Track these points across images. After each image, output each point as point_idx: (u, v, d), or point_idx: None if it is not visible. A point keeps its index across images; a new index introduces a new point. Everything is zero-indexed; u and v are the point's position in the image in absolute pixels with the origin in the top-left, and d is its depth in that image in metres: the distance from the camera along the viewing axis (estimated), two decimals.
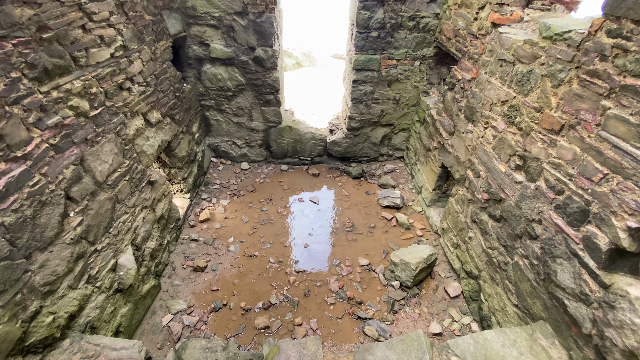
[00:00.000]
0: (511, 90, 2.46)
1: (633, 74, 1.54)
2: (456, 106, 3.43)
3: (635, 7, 1.54)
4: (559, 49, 2.00)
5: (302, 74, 11.18)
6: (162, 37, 3.40)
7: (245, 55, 4.23)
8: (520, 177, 2.34)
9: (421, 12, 3.91)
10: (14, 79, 1.73)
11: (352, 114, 4.80)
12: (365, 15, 3.92)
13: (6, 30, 1.70)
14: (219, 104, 4.68)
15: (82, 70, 2.24)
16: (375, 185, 4.89)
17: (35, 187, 1.84)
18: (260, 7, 3.87)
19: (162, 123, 3.38)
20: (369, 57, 4.25)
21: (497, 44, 2.66)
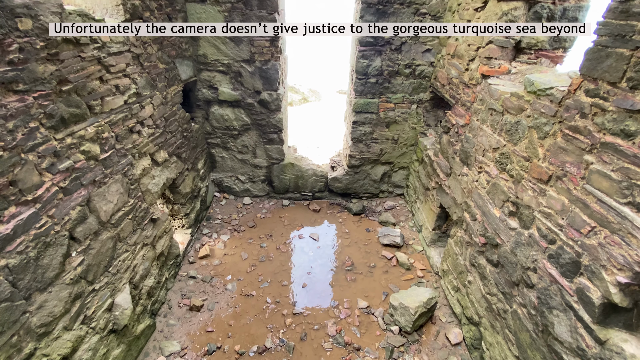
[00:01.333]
0: (501, 138, 2.56)
1: (612, 132, 1.62)
2: (452, 149, 3.54)
3: (610, 70, 1.66)
4: (542, 104, 2.12)
5: (308, 108, 11.60)
6: (173, 83, 3.64)
7: (251, 98, 4.47)
8: (514, 223, 2.37)
9: (417, 61, 4.16)
10: (32, 129, 1.87)
11: (353, 153, 4.94)
12: (364, 64, 4.17)
13: (29, 85, 1.87)
14: (224, 142, 4.87)
15: (97, 117, 2.41)
16: (376, 222, 4.90)
17: (42, 229, 1.91)
18: (267, 56, 4.16)
19: (169, 162, 3.52)
20: (368, 100, 4.46)
21: (487, 94, 2.81)
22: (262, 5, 3.86)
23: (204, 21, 3.95)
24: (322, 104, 12.35)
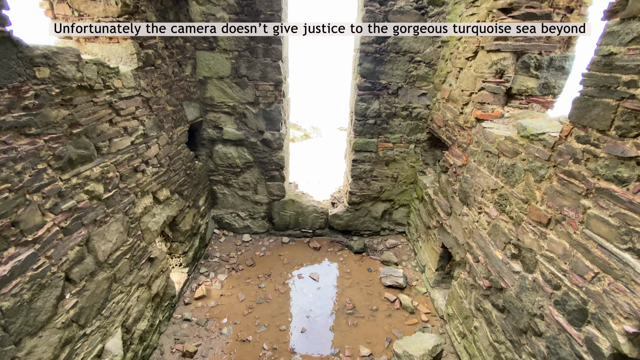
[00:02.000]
0: (499, 180, 2.60)
1: (605, 178, 1.65)
2: (450, 189, 3.57)
3: (598, 119, 1.73)
4: (536, 148, 2.18)
5: (310, 145, 11.87)
6: (180, 124, 3.78)
7: (255, 137, 4.61)
8: (517, 266, 2.33)
9: (413, 104, 4.34)
10: (40, 170, 1.93)
11: (353, 190, 4.98)
12: (363, 106, 4.35)
13: (41, 129, 1.95)
14: (227, 179, 4.94)
15: (103, 157, 2.48)
16: (378, 262, 4.80)
17: (38, 270, 1.89)
18: (270, 99, 4.36)
19: (170, 200, 3.55)
20: (367, 140, 4.58)
21: (482, 137, 2.90)
22: (267, 53, 4.13)
23: (212, 67, 4.20)
24: (323, 141, 12.66)
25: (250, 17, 3.96)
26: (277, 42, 4.10)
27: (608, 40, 1.67)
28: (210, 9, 3.94)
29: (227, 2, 3.90)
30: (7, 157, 1.71)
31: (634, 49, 1.55)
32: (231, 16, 3.96)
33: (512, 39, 2.74)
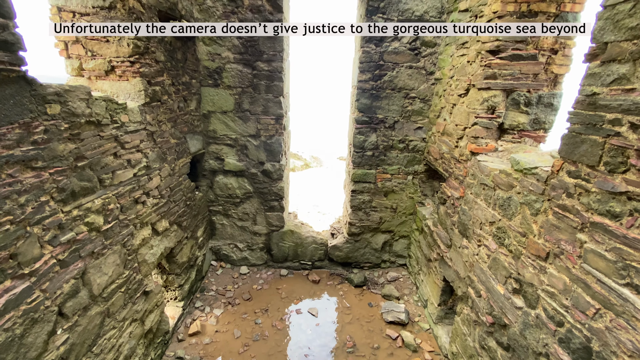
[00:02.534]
0: (496, 212, 2.62)
1: (599, 213, 1.68)
2: (449, 220, 3.58)
3: (586, 155, 1.79)
4: (530, 182, 2.22)
5: (310, 174, 11.98)
6: (182, 155, 3.87)
7: (255, 168, 4.69)
8: (519, 302, 2.28)
9: (409, 137, 4.47)
10: (42, 202, 1.96)
11: (352, 220, 4.97)
12: (361, 139, 4.47)
13: (47, 162, 2.01)
14: (226, 209, 4.95)
15: (105, 189, 2.52)
16: (379, 296, 4.68)
17: (32, 304, 1.86)
18: (271, 132, 4.50)
19: (169, 231, 3.54)
20: (366, 171, 4.66)
21: (478, 170, 2.96)
22: (269, 90, 4.32)
23: (216, 102, 4.37)
24: (323, 170, 12.81)
25: (253, 57, 4.19)
26: (278, 80, 4.30)
27: (590, 81, 1.77)
28: (216, 49, 4.18)
29: (232, 43, 4.15)
30: (12, 189, 1.74)
31: (616, 89, 1.64)
32: (235, 56, 4.20)
33: (501, 78, 2.88)
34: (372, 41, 4.10)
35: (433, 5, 3.90)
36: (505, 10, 2.70)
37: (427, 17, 3.94)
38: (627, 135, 1.55)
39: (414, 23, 3.93)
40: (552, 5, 2.68)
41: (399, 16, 3.96)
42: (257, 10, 4.02)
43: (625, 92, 1.58)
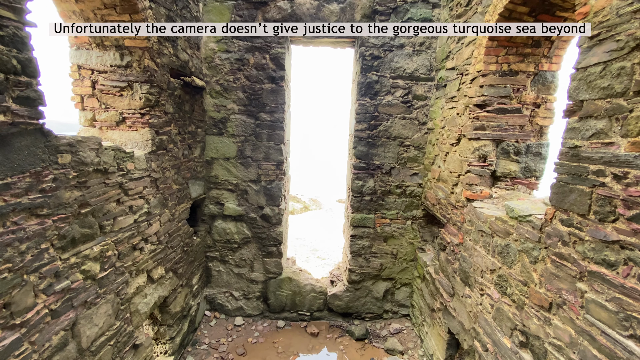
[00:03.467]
0: (496, 260, 2.61)
1: (595, 261, 1.69)
2: (450, 267, 3.53)
3: (576, 204, 1.85)
4: (526, 229, 2.26)
5: (309, 217, 11.92)
6: (183, 201, 3.93)
7: (254, 213, 4.72)
8: (527, 356, 2.18)
9: (406, 182, 4.57)
10: (42, 250, 1.96)
11: (352, 267, 4.87)
12: (359, 184, 4.58)
13: (52, 210, 2.05)
14: (223, 255, 4.87)
15: (105, 236, 2.53)
16: (382, 350, 4.42)
17: (20, 357, 1.78)
18: (272, 177, 4.61)
19: (164, 278, 3.46)
20: (364, 216, 4.68)
21: (474, 217, 3.00)
22: (270, 138, 4.52)
23: (219, 150, 4.55)
24: (322, 213, 12.77)
25: (256, 109, 4.45)
26: (280, 129, 4.52)
27: (571, 135, 1.90)
28: (222, 102, 4.45)
29: (237, 96, 4.44)
30: (15, 237, 1.77)
31: (596, 142, 1.75)
32: (240, 107, 4.46)
33: (490, 129, 3.06)
34: (367, 95, 4.39)
35: (422, 64, 4.26)
36: (488, 69, 2.96)
37: (417, 74, 4.28)
38: (612, 186, 1.62)
39: (406, 80, 4.26)
40: (530, 65, 2.94)
41: (391, 73, 4.30)
42: (262, 67, 4.37)
43: (604, 145, 1.69)
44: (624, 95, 1.60)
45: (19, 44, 1.81)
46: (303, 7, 4.21)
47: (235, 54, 4.34)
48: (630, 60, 1.58)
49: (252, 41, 4.31)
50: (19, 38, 1.81)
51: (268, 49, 4.33)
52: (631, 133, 1.55)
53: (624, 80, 1.60)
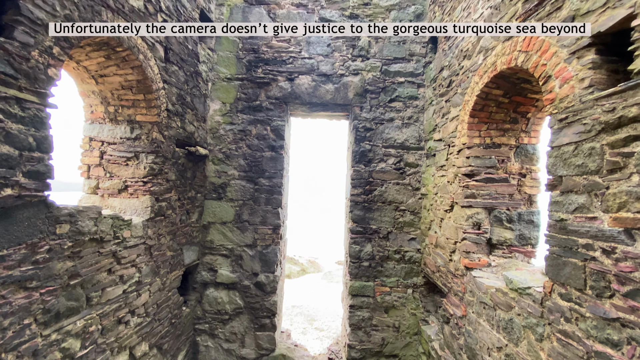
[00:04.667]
0: (501, 336, 2.47)
1: (599, 340, 1.62)
2: (456, 343, 3.30)
3: (572, 277, 1.84)
4: (527, 303, 2.19)
5: (307, 281, 11.39)
6: (176, 268, 3.83)
7: (248, 280, 4.56)
8: None
9: (404, 247, 4.53)
10: (25, 325, 1.87)
11: (352, 342, 4.53)
12: (356, 249, 4.52)
13: (41, 282, 2.01)
14: (212, 328, 4.57)
15: (91, 309, 2.42)
16: None
17: None
18: (268, 241, 4.57)
19: (147, 356, 3.21)
20: (363, 283, 4.53)
21: (475, 287, 2.92)
22: (268, 202, 4.60)
23: (217, 214, 4.59)
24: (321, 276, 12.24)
25: (256, 174, 4.63)
26: (278, 193, 4.63)
27: (556, 208, 1.97)
28: (224, 168, 4.64)
29: (238, 163, 4.64)
30: (0, 312, 1.71)
31: (580, 217, 1.82)
32: (240, 173, 4.64)
33: (480, 197, 3.16)
34: (362, 162, 4.61)
35: (412, 135, 4.56)
36: (472, 142, 3.18)
37: (407, 144, 4.56)
38: (603, 260, 1.64)
39: (397, 149, 4.52)
40: (511, 138, 3.17)
41: (383, 143, 4.58)
42: (263, 137, 4.66)
43: (588, 219, 1.75)
44: (598, 173, 1.72)
45: (38, 123, 1.98)
46: (302, 87, 4.66)
47: (238, 125, 4.67)
48: (599, 141, 1.73)
49: (254, 115, 4.67)
50: (39, 119, 1.99)
51: (269, 121, 4.67)
52: (611, 209, 1.62)
53: (596, 160, 1.73)
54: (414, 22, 4.64)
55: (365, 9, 4.69)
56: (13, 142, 1.81)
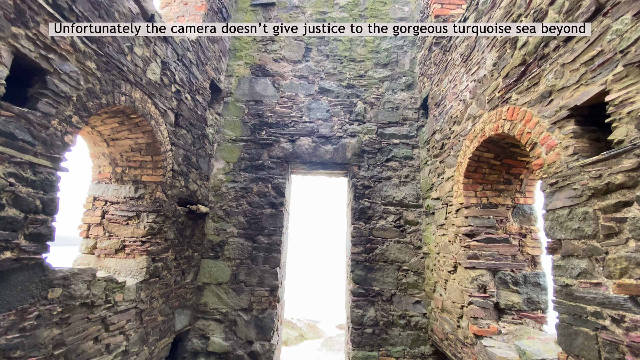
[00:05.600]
0: None
1: None
2: None
3: (585, 349, 1.73)
4: None
5: (306, 348, 10.48)
6: (166, 335, 3.59)
7: (242, 349, 4.24)
8: None
9: (409, 312, 4.30)
10: None
11: None
12: (359, 314, 4.29)
13: (26, 351, 1.89)
14: None
15: None
16: None
17: None
18: (264, 305, 4.36)
19: None
20: (367, 353, 4.20)
21: (487, 358, 2.72)
22: (266, 261, 4.50)
23: (213, 274, 4.45)
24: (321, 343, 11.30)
25: (255, 232, 4.60)
26: (276, 252, 4.55)
27: (560, 273, 1.94)
28: (223, 225, 4.63)
29: (238, 220, 4.65)
30: None
31: (584, 282, 1.78)
32: (239, 231, 4.61)
33: (483, 258, 3.11)
34: (361, 219, 4.62)
35: (410, 193, 4.65)
36: (469, 202, 3.23)
37: (406, 201, 4.62)
38: (614, 330, 1.57)
39: (396, 206, 4.57)
40: (507, 199, 3.23)
41: (382, 200, 4.64)
42: (264, 195, 4.74)
43: (593, 285, 1.71)
44: (595, 238, 1.73)
45: (48, 186, 2.05)
46: (302, 147, 4.89)
47: (240, 183, 4.78)
48: (591, 206, 1.77)
49: (256, 173, 4.82)
50: (49, 182, 2.06)
51: (271, 179, 4.80)
52: (614, 275, 1.60)
53: (592, 224, 1.76)
54: (405, 91, 5.05)
55: (361, 80, 5.15)
56: (20, 205, 1.86)
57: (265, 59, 5.28)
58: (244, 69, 5.25)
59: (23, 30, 1.85)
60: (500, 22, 2.72)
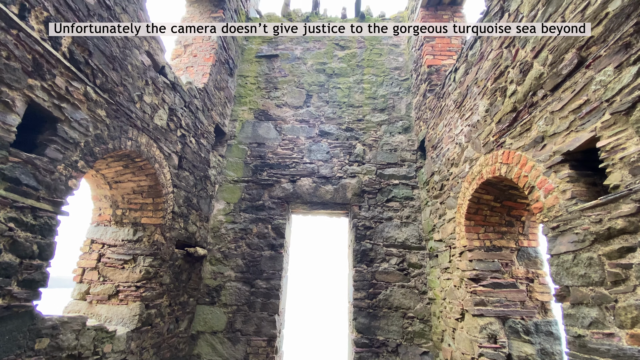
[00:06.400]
0: None
1: None
2: None
3: None
4: None
5: None
6: None
7: None
8: None
9: None
10: None
11: None
12: None
13: None
14: None
15: None
16: None
17: None
18: (262, 357, 4.09)
19: None
20: None
21: None
22: (264, 307, 4.31)
23: (208, 322, 4.25)
24: None
25: (253, 275, 4.47)
26: (275, 297, 4.38)
27: (571, 322, 1.85)
28: (220, 269, 4.52)
29: (236, 262, 4.54)
30: None
31: (597, 333, 1.69)
32: (237, 274, 4.48)
33: (491, 305, 2.98)
34: (363, 261, 4.50)
35: (412, 234, 4.59)
36: (473, 244, 3.18)
37: (408, 243, 4.54)
38: None
39: (399, 248, 4.49)
40: (510, 241, 3.18)
41: (384, 242, 4.57)
42: (263, 236, 4.68)
43: (606, 336, 1.62)
44: (603, 285, 1.68)
45: (46, 231, 2.04)
46: (303, 188, 4.93)
47: (240, 224, 4.75)
48: (595, 251, 1.74)
49: (257, 214, 4.80)
50: (49, 226, 2.06)
51: (271, 220, 4.77)
52: (625, 324, 1.53)
53: (598, 270, 1.71)
54: (402, 134, 5.21)
55: (359, 123, 5.34)
56: (17, 250, 1.84)
57: (268, 104, 5.53)
58: (247, 114, 5.48)
59: (39, 82, 1.97)
60: (489, 72, 2.89)
